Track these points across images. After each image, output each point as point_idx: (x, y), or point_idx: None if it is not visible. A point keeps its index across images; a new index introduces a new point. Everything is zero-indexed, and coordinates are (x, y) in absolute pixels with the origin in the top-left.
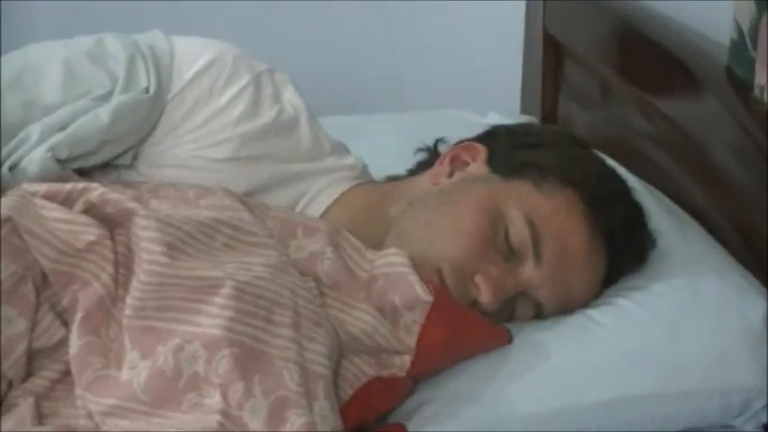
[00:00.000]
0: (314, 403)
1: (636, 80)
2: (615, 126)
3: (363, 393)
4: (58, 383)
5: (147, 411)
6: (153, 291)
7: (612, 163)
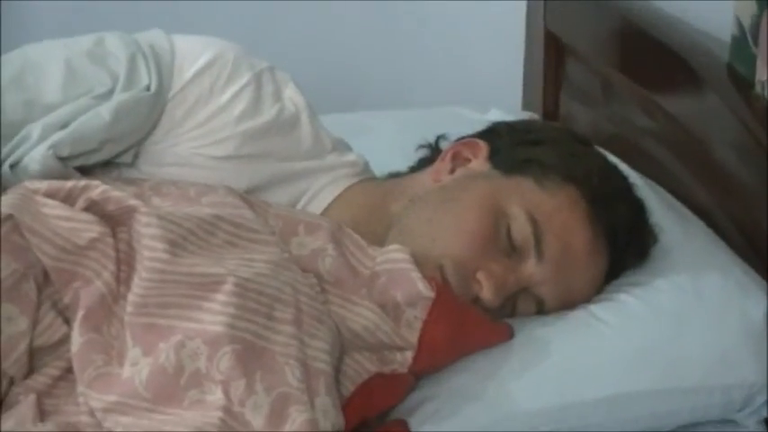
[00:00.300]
0: (315, 399)
1: (637, 77)
2: (617, 123)
3: (365, 390)
4: (60, 381)
5: (149, 408)
6: (154, 288)
7: (614, 159)
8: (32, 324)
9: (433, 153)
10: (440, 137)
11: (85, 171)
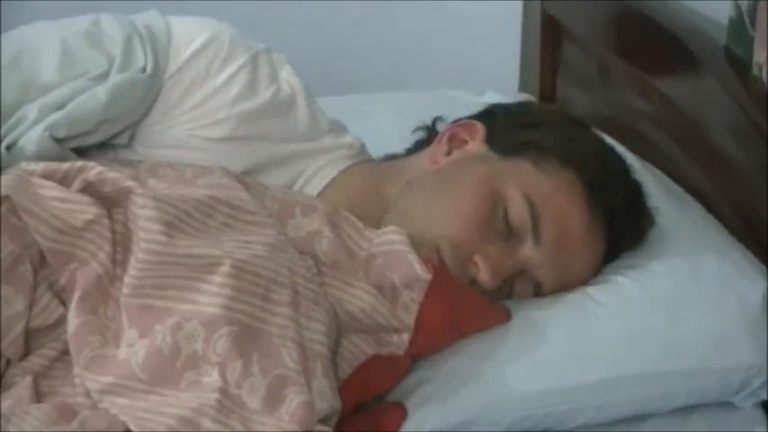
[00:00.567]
0: (312, 381)
1: (634, 60)
2: (614, 106)
3: (362, 372)
4: (56, 362)
5: (145, 389)
6: (151, 269)
7: (611, 142)
8: (29, 305)
9: (430, 135)
10: (436, 119)
11: (81, 152)
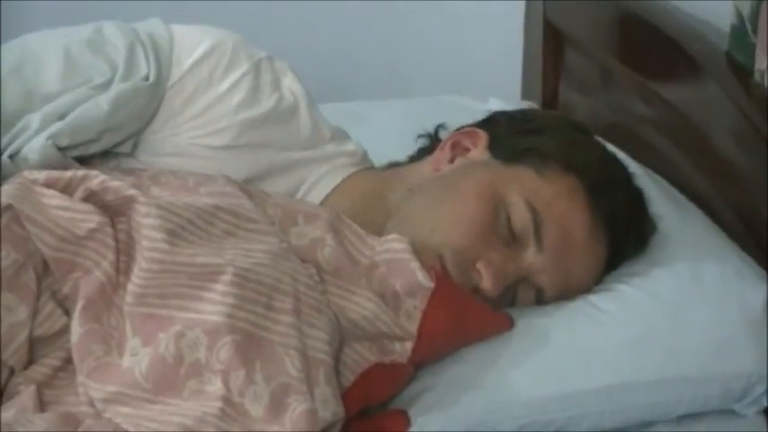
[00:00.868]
0: (315, 389)
1: (636, 66)
2: (616, 112)
3: (365, 379)
4: (60, 371)
5: (149, 398)
6: (154, 278)
7: (613, 148)
8: (32, 314)
9: (433, 142)
10: (439, 126)
11: (84, 161)
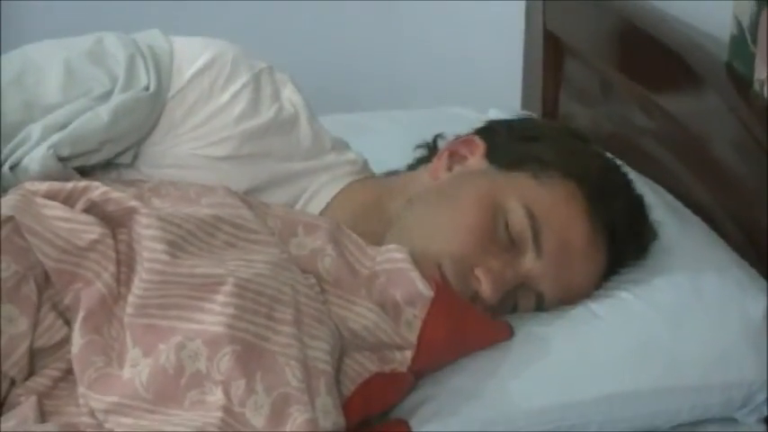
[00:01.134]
0: (316, 400)
1: (636, 76)
2: (616, 123)
3: (365, 389)
4: (61, 382)
5: (150, 409)
6: (155, 289)
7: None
8: (33, 325)
9: (431, 152)
10: (437, 136)
11: (85, 172)
